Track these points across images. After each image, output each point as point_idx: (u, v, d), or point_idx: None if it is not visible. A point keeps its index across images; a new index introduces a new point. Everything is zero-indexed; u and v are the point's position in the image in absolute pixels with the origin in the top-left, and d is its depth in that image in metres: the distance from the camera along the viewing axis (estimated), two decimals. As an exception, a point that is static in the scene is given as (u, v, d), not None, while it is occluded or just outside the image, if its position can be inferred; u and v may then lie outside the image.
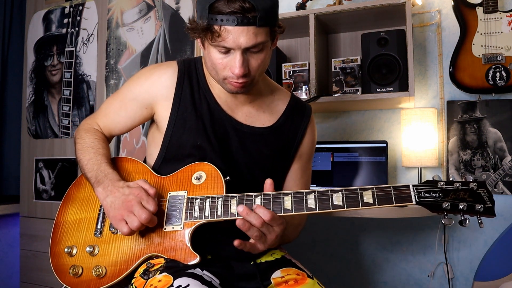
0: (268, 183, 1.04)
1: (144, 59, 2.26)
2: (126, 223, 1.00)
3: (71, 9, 2.46)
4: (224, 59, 1.02)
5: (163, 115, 1.17)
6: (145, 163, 1.25)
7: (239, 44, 0.98)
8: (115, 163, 1.21)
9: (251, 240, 1.02)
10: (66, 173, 2.38)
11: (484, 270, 1.86)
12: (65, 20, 2.47)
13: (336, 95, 1.90)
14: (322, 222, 2.19)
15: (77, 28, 2.44)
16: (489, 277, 1.85)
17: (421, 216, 1.78)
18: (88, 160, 1.14)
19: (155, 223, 1.03)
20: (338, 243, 2.17)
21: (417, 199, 0.94)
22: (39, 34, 2.54)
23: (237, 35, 0.97)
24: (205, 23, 0.98)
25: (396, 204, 0.95)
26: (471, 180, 0.94)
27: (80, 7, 2.43)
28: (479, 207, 0.91)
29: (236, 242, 0.98)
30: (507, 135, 1.89)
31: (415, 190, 0.95)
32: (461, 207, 0.92)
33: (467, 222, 0.92)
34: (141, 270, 1.05)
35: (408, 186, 0.95)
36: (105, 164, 1.12)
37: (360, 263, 2.12)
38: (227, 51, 1.01)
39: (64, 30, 2.47)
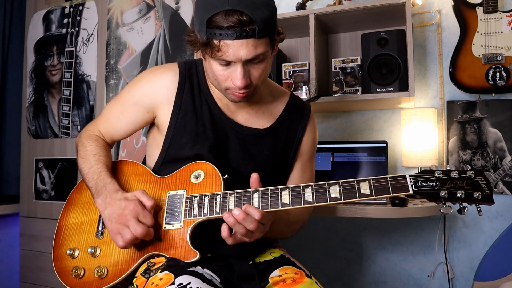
0: (254, 177, 1.03)
1: (144, 59, 2.26)
2: (122, 236, 1.01)
3: (71, 9, 2.46)
4: (226, 71, 1.03)
5: (164, 118, 1.17)
6: (145, 164, 1.26)
7: (239, 57, 0.98)
8: (115, 166, 1.21)
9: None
10: (66, 173, 2.38)
11: (484, 270, 1.86)
12: (65, 20, 2.47)
13: (336, 95, 1.90)
14: (322, 222, 2.19)
15: (77, 28, 2.44)
16: (489, 277, 1.85)
17: (421, 216, 1.78)
18: (89, 169, 1.14)
19: (151, 236, 1.03)
20: (338, 243, 2.17)
21: (414, 189, 0.93)
22: (39, 34, 2.54)
23: (237, 49, 0.97)
24: (204, 38, 0.98)
25: (393, 194, 0.94)
26: (468, 168, 0.93)
27: (80, 7, 2.43)
28: (477, 194, 0.91)
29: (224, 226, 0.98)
30: (507, 135, 1.89)
31: (411, 179, 0.94)
32: (459, 195, 0.91)
33: (465, 210, 0.92)
34: (142, 269, 1.06)
35: (404, 176, 0.95)
36: (104, 172, 1.12)
37: (360, 263, 2.12)
38: (228, 63, 1.01)
39: (64, 30, 2.47)
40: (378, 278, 2.09)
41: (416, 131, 1.87)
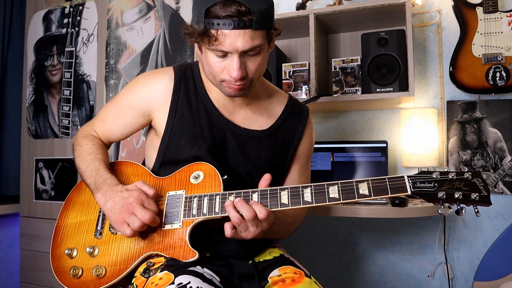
0: (266, 178, 1.04)
1: (144, 59, 2.26)
2: (128, 225, 1.01)
3: (71, 9, 2.46)
4: (222, 63, 1.03)
5: (161, 122, 1.17)
6: (144, 165, 1.26)
7: (236, 48, 0.99)
8: (114, 167, 1.21)
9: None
10: (66, 173, 2.38)
11: (484, 270, 1.86)
12: (65, 20, 2.48)
13: (336, 95, 1.90)
14: (322, 222, 2.19)
15: (77, 28, 2.44)
16: (489, 277, 1.85)
17: (421, 216, 1.78)
18: (87, 166, 1.14)
19: (157, 222, 1.03)
20: (338, 243, 2.17)
21: (412, 189, 0.94)
22: (39, 34, 2.54)
23: (234, 39, 0.98)
24: (201, 28, 0.99)
25: (392, 195, 0.95)
26: (466, 170, 0.94)
27: (80, 7, 2.43)
28: (474, 195, 0.92)
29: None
30: (507, 135, 1.89)
31: (410, 180, 0.95)
32: (456, 196, 0.92)
33: (463, 211, 0.93)
34: (141, 269, 1.06)
35: (402, 177, 0.96)
36: (103, 169, 1.12)
37: (360, 263, 2.12)
38: (224, 54, 1.02)
39: (64, 30, 2.47)
40: (378, 278, 2.09)
41: (416, 131, 1.87)
